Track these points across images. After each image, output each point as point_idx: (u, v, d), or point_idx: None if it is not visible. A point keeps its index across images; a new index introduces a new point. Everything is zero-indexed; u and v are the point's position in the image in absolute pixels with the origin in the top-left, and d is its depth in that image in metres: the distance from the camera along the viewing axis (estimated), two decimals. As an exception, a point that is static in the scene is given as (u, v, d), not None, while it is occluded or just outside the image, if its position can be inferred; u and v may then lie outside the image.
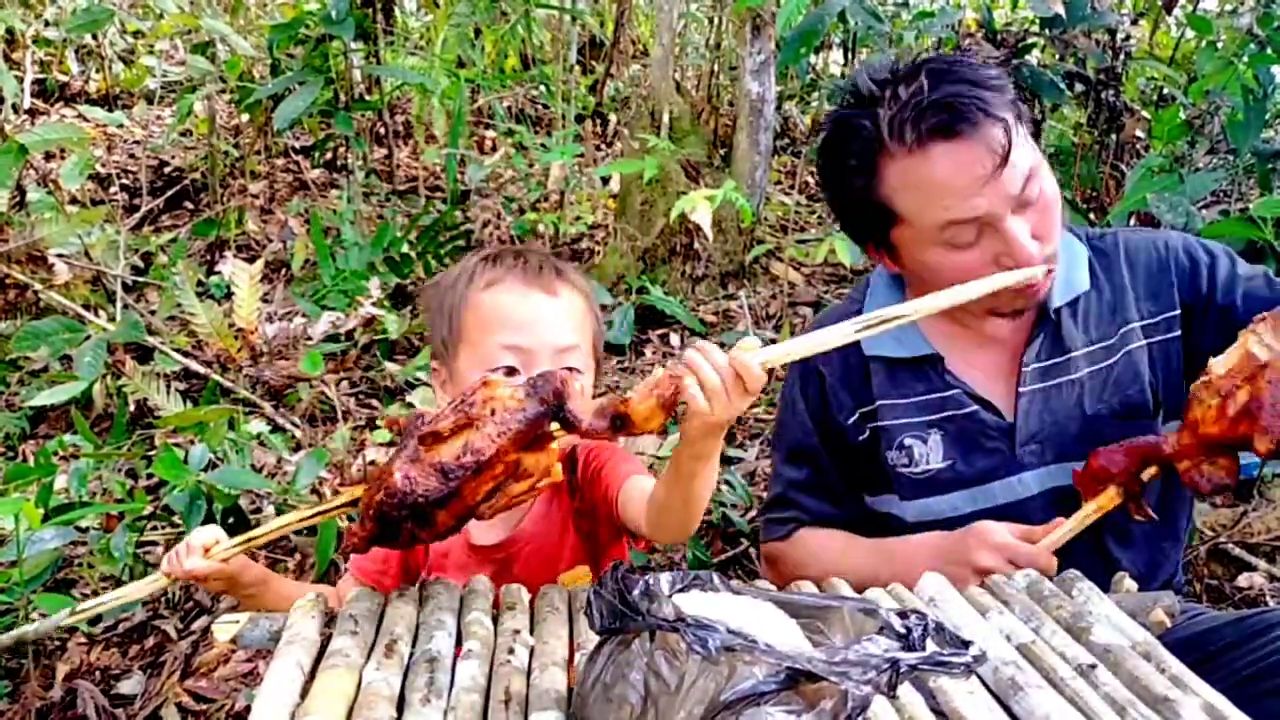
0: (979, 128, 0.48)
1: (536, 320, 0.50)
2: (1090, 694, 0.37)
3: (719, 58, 1.84)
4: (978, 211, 0.49)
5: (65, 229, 1.24)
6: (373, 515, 0.41)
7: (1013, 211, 0.49)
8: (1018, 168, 0.49)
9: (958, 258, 0.50)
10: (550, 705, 0.35)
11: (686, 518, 0.46)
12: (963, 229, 0.50)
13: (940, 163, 0.49)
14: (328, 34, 1.33)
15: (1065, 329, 0.54)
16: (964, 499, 0.55)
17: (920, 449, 0.55)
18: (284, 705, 0.36)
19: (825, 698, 0.30)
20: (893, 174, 0.51)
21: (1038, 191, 0.50)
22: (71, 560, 0.87)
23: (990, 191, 0.49)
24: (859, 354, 0.56)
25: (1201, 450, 0.42)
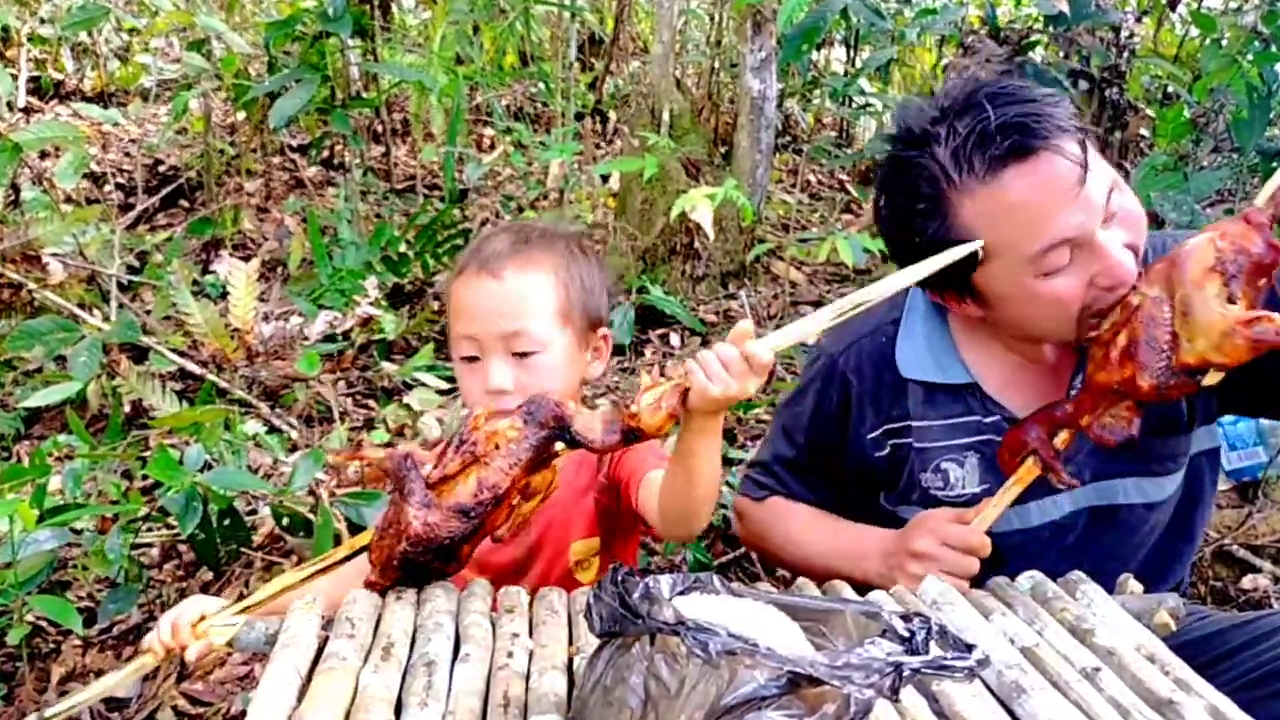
0: (1051, 143, 0.45)
1: (481, 307, 0.51)
2: (1094, 697, 0.36)
3: (720, 55, 1.84)
4: (1069, 231, 0.45)
5: (60, 228, 1.23)
6: (397, 565, 0.41)
7: (1102, 224, 0.47)
8: (1099, 179, 0.46)
9: (1053, 284, 0.47)
10: (549, 709, 0.35)
11: (690, 503, 0.46)
12: (1057, 252, 0.46)
13: (1019, 186, 0.46)
14: (324, 31, 1.33)
15: None
16: (1002, 520, 0.53)
17: (956, 473, 0.54)
18: (280, 709, 0.35)
19: (827, 702, 0.30)
20: (967, 210, 0.47)
21: (1121, 204, 0.47)
22: (66, 562, 0.86)
23: (1078, 207, 0.46)
24: (895, 374, 0.55)
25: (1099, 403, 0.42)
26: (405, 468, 0.41)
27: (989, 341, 0.54)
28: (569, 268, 0.53)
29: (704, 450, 0.44)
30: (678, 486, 0.46)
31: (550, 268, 0.52)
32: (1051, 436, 0.46)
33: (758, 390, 0.42)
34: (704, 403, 0.42)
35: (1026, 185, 0.46)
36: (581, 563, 0.55)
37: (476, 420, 0.42)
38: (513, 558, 0.54)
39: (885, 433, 0.56)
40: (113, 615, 0.80)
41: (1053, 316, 0.49)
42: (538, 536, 0.54)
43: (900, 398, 0.55)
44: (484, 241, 0.53)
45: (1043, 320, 0.49)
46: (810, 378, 0.59)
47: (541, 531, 0.54)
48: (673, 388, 0.42)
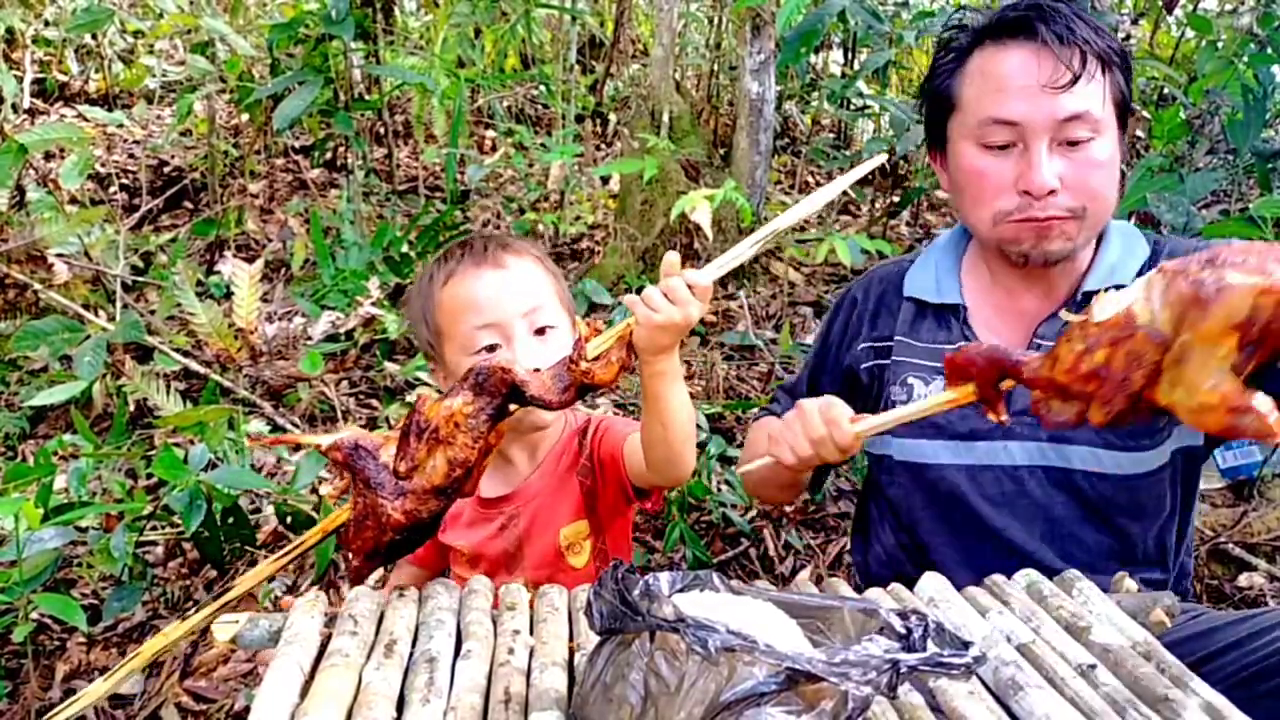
0: (1061, 45, 0.48)
1: (496, 295, 0.53)
2: (1090, 694, 0.37)
3: (719, 57, 1.85)
4: (1015, 115, 0.49)
5: (65, 229, 1.24)
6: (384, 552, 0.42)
7: (1053, 143, 0.49)
8: (1075, 100, 0.48)
9: (985, 161, 0.51)
10: (550, 705, 0.35)
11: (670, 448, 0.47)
12: (998, 129, 0.50)
13: (1010, 59, 0.50)
14: (327, 34, 1.33)
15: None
16: (948, 450, 0.55)
17: (921, 389, 0.56)
18: (284, 705, 0.35)
19: (825, 698, 0.30)
20: (973, 62, 0.52)
21: (1085, 139, 0.49)
22: (71, 560, 0.87)
23: (1036, 103, 0.49)
24: (898, 293, 0.58)
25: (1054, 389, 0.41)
26: (358, 457, 0.41)
27: (987, 272, 0.55)
28: (545, 262, 0.56)
29: (668, 393, 0.45)
30: (655, 435, 0.47)
31: (535, 259, 0.55)
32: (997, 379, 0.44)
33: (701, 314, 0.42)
34: (651, 333, 0.43)
35: (1014, 60, 0.50)
36: (572, 546, 0.55)
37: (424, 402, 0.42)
38: (503, 549, 0.55)
39: (871, 349, 0.59)
40: (117, 613, 0.81)
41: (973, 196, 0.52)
42: (526, 525, 0.55)
43: (893, 317, 0.58)
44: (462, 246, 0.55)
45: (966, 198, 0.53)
46: (831, 307, 0.63)
47: (530, 520, 0.55)
48: (617, 339, 0.43)
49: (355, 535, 0.42)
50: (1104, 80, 0.50)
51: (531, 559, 0.55)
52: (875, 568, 0.60)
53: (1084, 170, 0.50)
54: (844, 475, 1.09)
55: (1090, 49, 0.49)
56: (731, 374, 1.27)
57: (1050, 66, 0.49)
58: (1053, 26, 0.49)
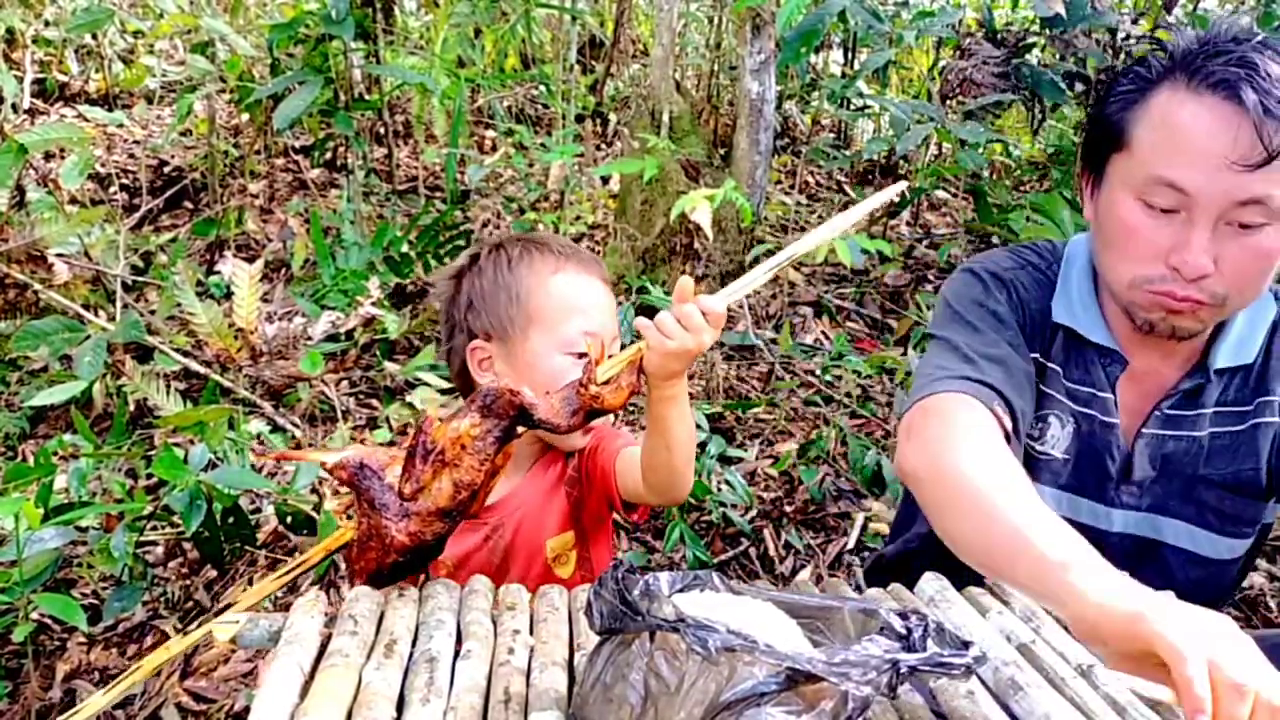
0: (1263, 112, 0.42)
1: (602, 307, 0.54)
2: (1090, 694, 0.37)
3: (719, 57, 1.84)
4: (1189, 185, 0.43)
5: (65, 229, 1.24)
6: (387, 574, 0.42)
7: (1220, 221, 0.44)
8: (1259, 183, 0.42)
9: (1142, 219, 0.45)
10: (550, 705, 0.35)
11: (672, 471, 0.47)
12: (1166, 192, 0.44)
13: (1201, 115, 0.43)
14: (327, 34, 1.33)
15: (1209, 390, 0.51)
16: (1055, 499, 0.52)
17: (1055, 431, 0.52)
18: (283, 705, 0.35)
19: (825, 698, 0.30)
20: (1157, 102, 0.45)
21: (1258, 224, 0.43)
22: (71, 560, 0.87)
23: (1217, 178, 0.43)
24: (1046, 316, 0.52)
25: None
26: (364, 477, 0.41)
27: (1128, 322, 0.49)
28: None
29: (674, 417, 0.45)
30: (658, 459, 0.47)
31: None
32: None
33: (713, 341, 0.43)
34: (663, 359, 0.43)
35: (1206, 121, 0.43)
36: (559, 557, 0.55)
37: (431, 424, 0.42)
38: (488, 560, 0.55)
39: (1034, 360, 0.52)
40: (117, 613, 0.81)
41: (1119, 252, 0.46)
42: (512, 537, 0.55)
43: (1040, 338, 0.53)
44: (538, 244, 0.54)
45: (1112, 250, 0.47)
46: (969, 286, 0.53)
47: (515, 531, 0.55)
48: (627, 364, 0.43)
49: (359, 556, 0.42)
50: None
51: (516, 571, 0.55)
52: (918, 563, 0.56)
53: (1245, 258, 0.44)
54: (844, 475, 1.09)
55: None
56: (731, 374, 1.27)
57: (1247, 141, 0.42)
58: (1263, 95, 0.42)
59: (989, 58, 1.22)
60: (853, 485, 1.07)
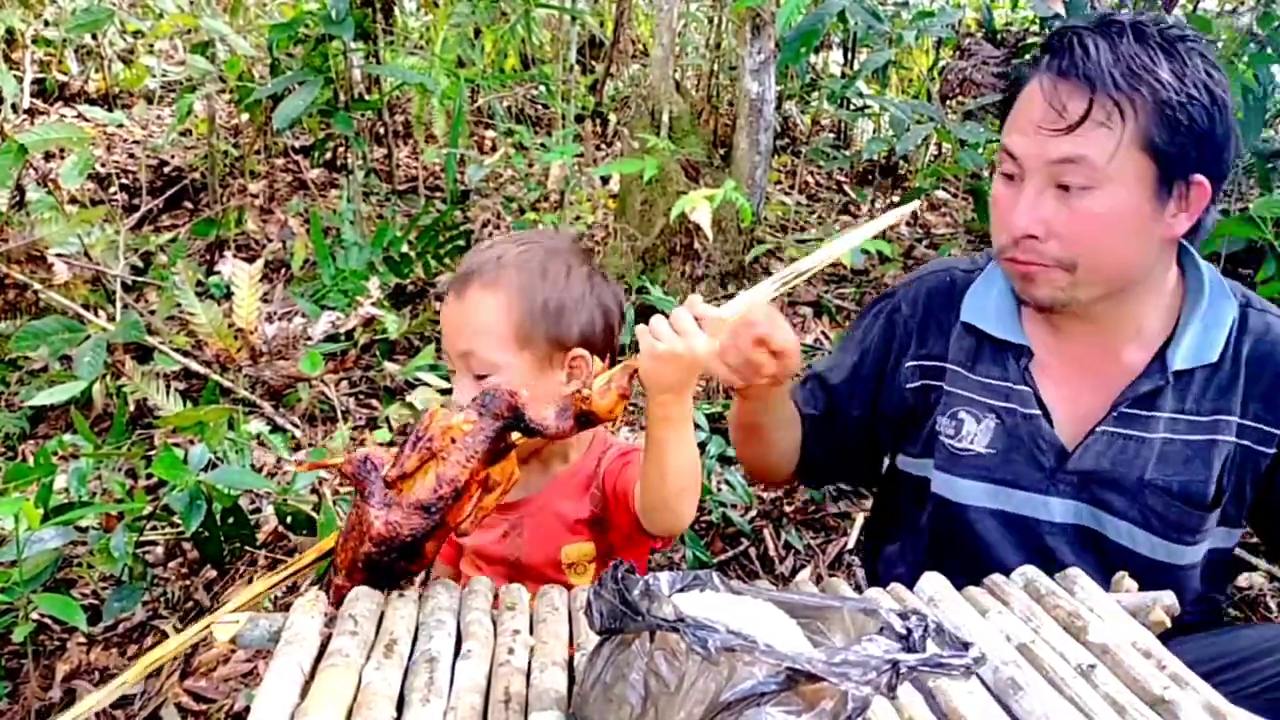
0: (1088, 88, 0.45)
1: (448, 325, 0.53)
2: (1090, 694, 0.37)
3: (719, 57, 1.84)
4: (1015, 147, 0.48)
5: (65, 229, 1.24)
6: (362, 566, 0.41)
7: (1047, 184, 0.46)
8: (1072, 144, 0.45)
9: (998, 190, 0.50)
10: (550, 705, 0.35)
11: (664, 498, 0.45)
12: (1006, 160, 0.49)
13: (1036, 91, 0.48)
14: (327, 34, 1.33)
15: (1166, 394, 0.51)
16: (986, 492, 0.53)
17: (971, 426, 0.53)
18: (284, 705, 0.35)
19: (825, 698, 0.30)
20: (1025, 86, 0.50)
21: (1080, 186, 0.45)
22: (71, 560, 0.87)
23: (1034, 139, 0.46)
24: (952, 314, 0.55)
25: None
26: (364, 470, 0.41)
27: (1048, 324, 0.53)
28: (535, 289, 0.52)
29: (671, 441, 0.43)
30: (651, 482, 0.45)
31: (514, 289, 0.52)
32: None
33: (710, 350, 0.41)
34: (654, 364, 0.41)
35: (1037, 94, 0.47)
36: (575, 565, 0.55)
37: (431, 417, 0.42)
38: (505, 555, 0.55)
39: (919, 368, 0.56)
40: (117, 613, 0.81)
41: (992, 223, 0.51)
42: (530, 535, 0.55)
43: (944, 337, 0.55)
44: (475, 253, 0.54)
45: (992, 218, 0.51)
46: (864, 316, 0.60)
47: (532, 531, 0.55)
48: (622, 369, 0.42)
49: (342, 548, 0.42)
50: (1122, 127, 0.44)
51: (532, 571, 0.54)
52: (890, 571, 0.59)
53: (1075, 221, 0.46)
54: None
55: (1106, 93, 0.44)
56: (731, 374, 1.27)
57: (1061, 104, 0.45)
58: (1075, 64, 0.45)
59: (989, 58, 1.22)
60: (854, 486, 1.07)
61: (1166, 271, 0.51)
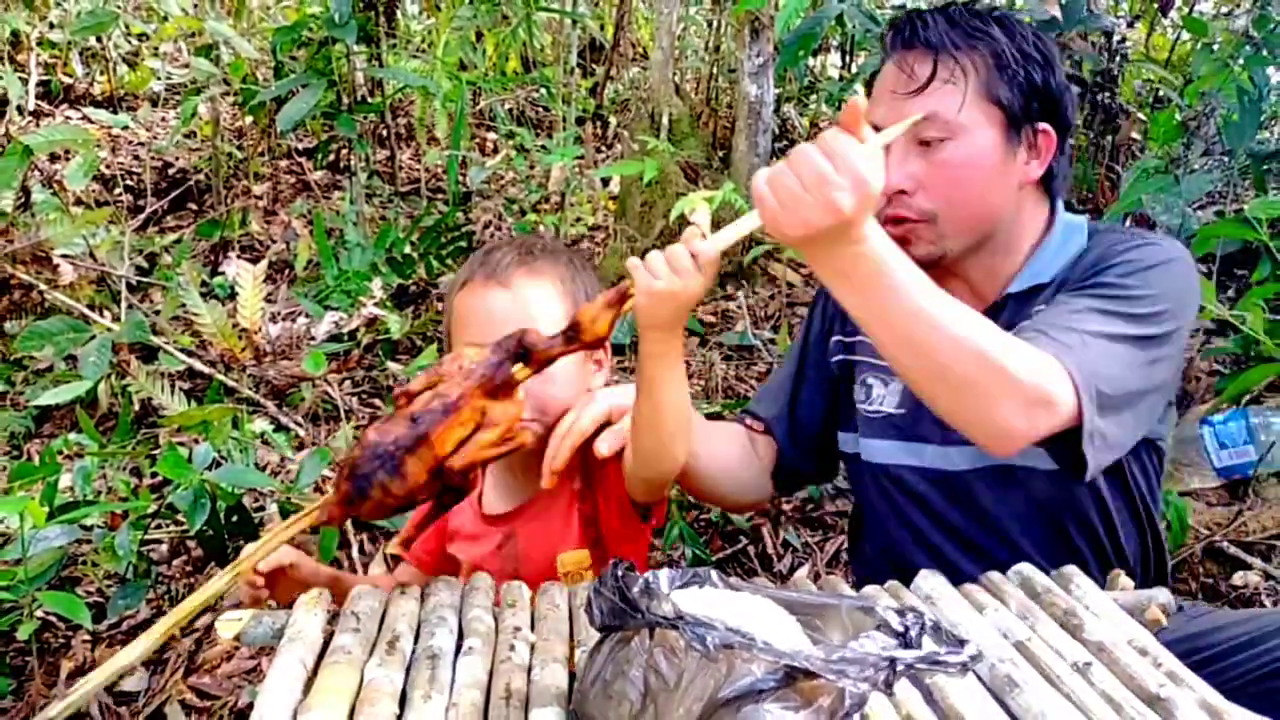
0: (909, 51, 0.51)
1: (490, 317, 0.51)
2: (1086, 691, 0.37)
3: (718, 60, 1.85)
4: (876, 118, 0.50)
5: (70, 230, 1.24)
6: (346, 474, 0.41)
7: (911, 143, 0.50)
8: (922, 103, 0.50)
9: None
10: (551, 702, 0.36)
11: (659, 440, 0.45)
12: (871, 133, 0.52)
13: (888, 66, 0.53)
14: (330, 37, 1.34)
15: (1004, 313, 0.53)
16: (902, 450, 0.55)
17: (879, 390, 0.56)
18: (287, 702, 0.36)
19: (823, 695, 0.30)
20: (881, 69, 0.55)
21: (936, 139, 0.50)
22: (76, 558, 0.87)
23: (891, 104, 0.51)
24: None
25: None
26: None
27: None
28: (573, 279, 0.54)
29: (664, 378, 0.43)
30: (645, 423, 0.45)
31: (556, 278, 0.53)
32: None
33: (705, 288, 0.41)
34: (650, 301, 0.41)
35: (889, 70, 0.53)
36: (570, 574, 0.55)
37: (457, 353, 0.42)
38: (501, 567, 0.55)
39: (841, 343, 0.59)
40: (122, 610, 0.81)
41: None
42: (524, 546, 0.55)
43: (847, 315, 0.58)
44: (488, 254, 0.54)
45: None
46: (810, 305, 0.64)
47: (527, 542, 0.55)
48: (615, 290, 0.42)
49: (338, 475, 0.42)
50: (965, 82, 0.50)
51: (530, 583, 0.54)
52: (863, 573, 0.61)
53: (937, 171, 0.50)
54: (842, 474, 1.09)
55: (948, 53, 0.50)
56: (730, 374, 1.27)
57: (910, 71, 0.51)
58: (915, 34, 0.51)
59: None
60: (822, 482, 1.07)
61: (1031, 222, 0.54)
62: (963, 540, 0.54)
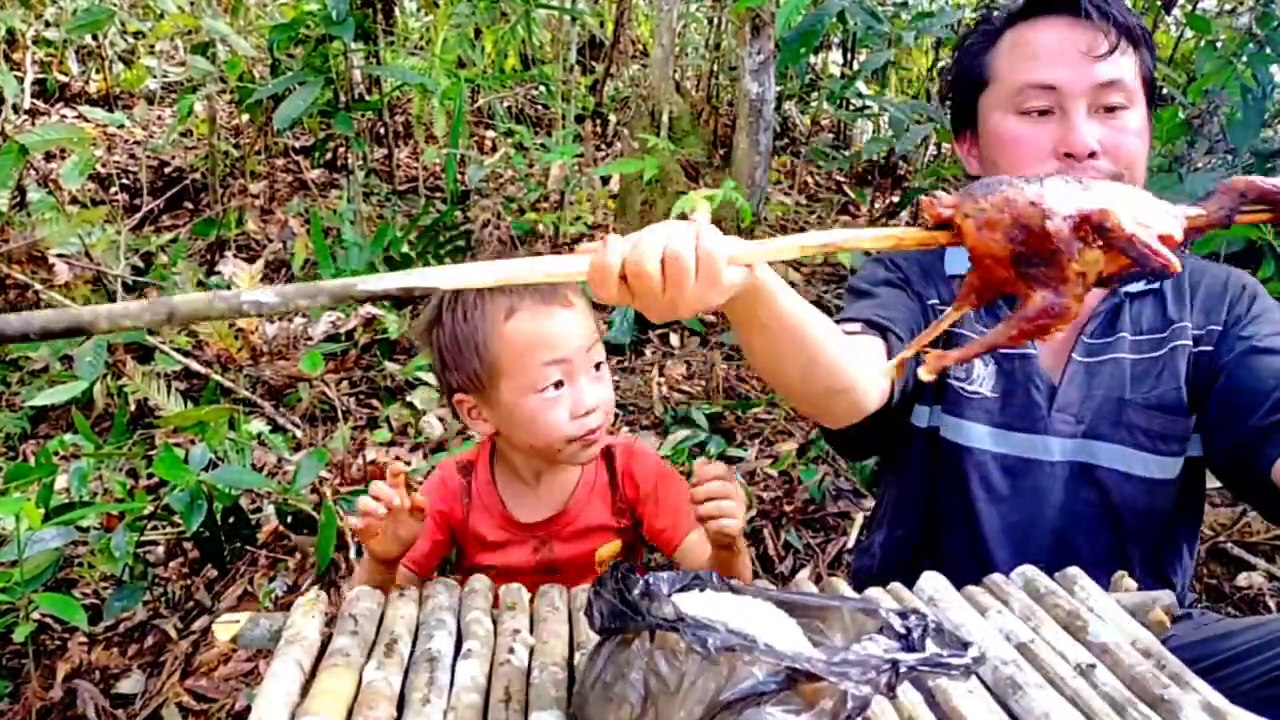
0: (1100, 21, 0.50)
1: (567, 333, 0.53)
2: (1089, 693, 0.37)
3: (719, 58, 1.85)
4: (1054, 79, 0.50)
5: (66, 229, 1.24)
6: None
7: (1091, 109, 0.50)
8: (1111, 68, 0.50)
9: (1023, 128, 0.51)
10: (550, 704, 0.35)
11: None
12: (1036, 94, 0.51)
13: (1047, 31, 0.51)
14: (328, 34, 1.33)
15: (1124, 313, 0.55)
16: (991, 436, 0.55)
17: (979, 369, 0.55)
18: (284, 704, 0.36)
19: (824, 698, 0.30)
20: (1006, 40, 0.53)
21: (1121, 106, 0.50)
22: (72, 560, 0.87)
23: (1076, 69, 0.50)
24: (940, 272, 0.57)
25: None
26: None
27: None
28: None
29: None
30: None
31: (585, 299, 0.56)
32: None
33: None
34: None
35: (1053, 33, 0.51)
36: (605, 563, 0.57)
37: None
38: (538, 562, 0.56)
39: (936, 308, 0.57)
40: (118, 612, 0.81)
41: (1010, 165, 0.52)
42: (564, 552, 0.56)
43: (944, 286, 0.57)
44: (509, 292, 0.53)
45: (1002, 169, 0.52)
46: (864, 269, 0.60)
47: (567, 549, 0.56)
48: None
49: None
50: (1135, 56, 0.51)
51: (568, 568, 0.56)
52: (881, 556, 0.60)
53: (1120, 137, 0.51)
54: (844, 475, 1.09)
55: (1125, 22, 0.51)
56: (731, 374, 1.27)
57: (1089, 36, 0.50)
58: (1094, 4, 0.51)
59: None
60: (852, 485, 1.07)
61: None
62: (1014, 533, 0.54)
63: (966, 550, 0.54)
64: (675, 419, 1.14)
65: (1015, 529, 0.54)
